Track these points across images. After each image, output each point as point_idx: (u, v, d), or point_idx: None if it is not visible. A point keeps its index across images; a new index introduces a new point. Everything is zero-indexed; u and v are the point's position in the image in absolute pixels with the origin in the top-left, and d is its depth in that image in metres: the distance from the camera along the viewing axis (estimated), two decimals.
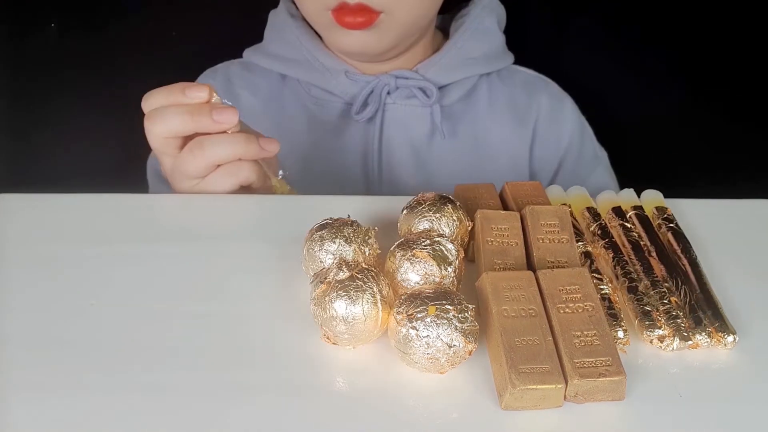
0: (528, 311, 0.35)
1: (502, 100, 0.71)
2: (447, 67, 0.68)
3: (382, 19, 0.60)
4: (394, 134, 0.68)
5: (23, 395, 0.33)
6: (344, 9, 0.59)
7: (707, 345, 0.37)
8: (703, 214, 0.47)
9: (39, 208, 0.47)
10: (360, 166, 0.67)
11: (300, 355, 0.36)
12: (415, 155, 0.68)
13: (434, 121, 0.67)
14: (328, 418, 0.33)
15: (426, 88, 0.66)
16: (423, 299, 0.34)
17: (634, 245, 0.42)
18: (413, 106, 0.67)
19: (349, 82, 0.66)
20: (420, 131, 0.68)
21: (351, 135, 0.68)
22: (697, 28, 0.80)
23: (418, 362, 0.34)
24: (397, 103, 0.67)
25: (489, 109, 0.70)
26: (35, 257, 0.42)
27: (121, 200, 0.49)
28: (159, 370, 0.35)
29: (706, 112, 0.82)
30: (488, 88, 0.71)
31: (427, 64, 0.68)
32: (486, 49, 0.70)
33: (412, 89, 0.66)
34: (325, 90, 0.67)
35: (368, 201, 0.48)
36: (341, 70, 0.66)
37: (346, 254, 0.38)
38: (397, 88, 0.66)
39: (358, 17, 0.59)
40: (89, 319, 0.38)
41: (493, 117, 0.70)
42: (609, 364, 0.33)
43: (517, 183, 0.46)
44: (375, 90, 0.66)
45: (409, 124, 0.68)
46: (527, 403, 0.33)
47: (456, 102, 0.69)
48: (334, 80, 0.67)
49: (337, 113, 0.68)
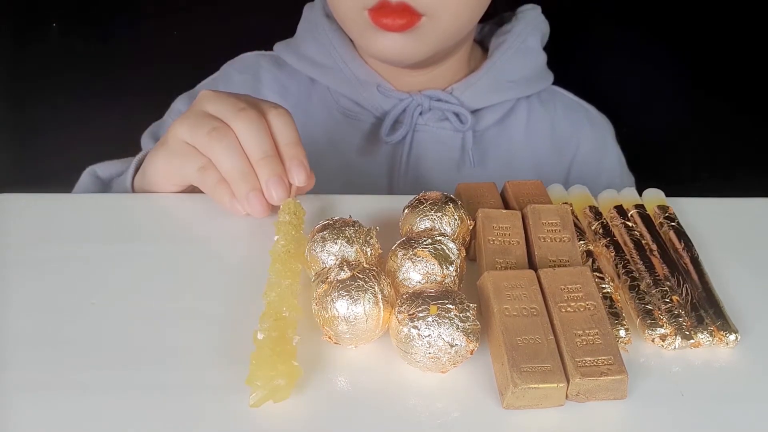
0: (530, 310, 0.35)
1: (541, 126, 0.67)
2: (484, 89, 0.64)
3: (423, 22, 0.56)
4: (423, 156, 0.64)
5: (23, 395, 0.33)
6: (384, 8, 0.55)
7: (709, 344, 0.37)
8: (704, 213, 0.47)
9: (39, 208, 0.47)
10: (385, 186, 0.64)
11: (302, 355, 0.36)
12: (443, 179, 0.65)
13: (465, 147, 0.64)
14: (330, 417, 0.33)
15: (460, 114, 0.63)
16: (424, 298, 0.34)
17: (636, 244, 0.42)
18: (444, 129, 0.64)
19: (381, 96, 0.63)
20: (450, 155, 0.64)
21: (378, 152, 0.64)
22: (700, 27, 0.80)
23: (419, 361, 0.33)
24: (429, 124, 0.64)
25: (526, 134, 0.67)
26: (35, 257, 0.42)
27: (120, 200, 0.49)
28: (160, 369, 0.35)
29: (708, 112, 0.82)
30: (527, 112, 0.67)
31: (463, 84, 0.64)
32: (527, 71, 0.66)
33: (445, 112, 0.63)
34: (354, 102, 0.64)
35: (369, 200, 0.48)
36: (373, 83, 0.63)
37: (348, 255, 0.38)
38: (430, 109, 0.63)
39: (398, 19, 0.55)
40: (89, 318, 0.38)
41: (529, 143, 0.67)
42: (611, 363, 0.33)
43: (519, 182, 0.46)
44: (407, 109, 0.63)
45: (439, 148, 0.64)
46: (529, 402, 0.33)
47: (491, 126, 0.66)
48: (365, 93, 0.64)
49: (367, 127, 0.65)
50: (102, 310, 0.39)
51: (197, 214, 0.47)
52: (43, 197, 0.48)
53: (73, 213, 0.46)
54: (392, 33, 0.56)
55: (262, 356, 0.33)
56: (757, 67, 0.82)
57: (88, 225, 0.45)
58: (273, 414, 0.32)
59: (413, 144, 0.64)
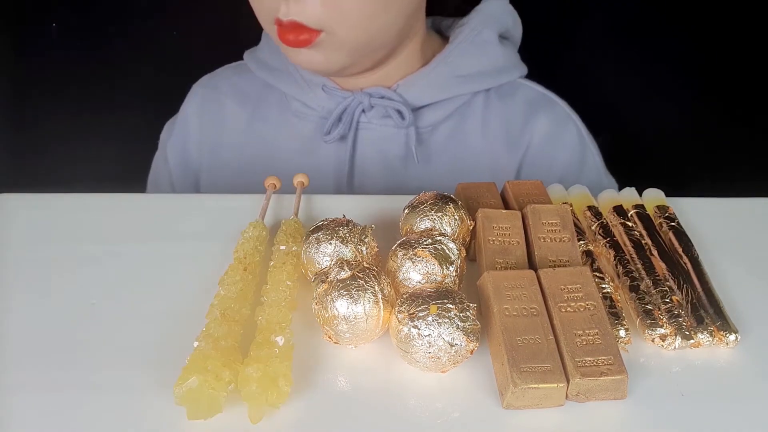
0: (529, 310, 0.35)
1: (496, 121, 0.65)
2: (431, 85, 0.63)
3: (323, 38, 0.56)
4: (368, 154, 0.64)
5: (23, 395, 0.33)
6: (282, 26, 0.56)
7: (709, 344, 0.37)
8: (704, 213, 0.47)
9: (39, 208, 0.47)
10: (332, 185, 0.64)
11: (302, 354, 0.36)
12: (389, 176, 0.64)
13: (408, 144, 0.63)
14: (330, 416, 0.33)
15: (402, 111, 0.61)
16: (424, 298, 0.34)
17: (636, 244, 0.42)
18: (387, 127, 0.63)
19: (326, 96, 0.63)
20: (395, 152, 0.63)
21: (325, 152, 0.64)
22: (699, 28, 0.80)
23: (419, 361, 0.33)
24: (372, 122, 0.63)
25: (481, 129, 0.65)
26: (35, 257, 0.42)
27: (120, 200, 0.49)
28: (162, 369, 0.35)
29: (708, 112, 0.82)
30: (484, 106, 0.65)
31: (408, 81, 0.63)
32: (482, 66, 0.64)
33: (387, 109, 0.62)
34: (303, 103, 0.64)
35: (369, 200, 0.48)
36: (319, 83, 0.63)
37: (343, 255, 0.38)
38: (372, 107, 0.62)
39: (299, 35, 0.55)
40: (89, 318, 0.38)
41: (484, 138, 0.65)
42: (610, 363, 0.33)
43: (519, 182, 0.46)
44: (349, 108, 0.62)
45: (384, 145, 0.63)
46: (529, 401, 0.33)
47: (440, 122, 0.64)
48: (311, 93, 0.63)
49: (313, 128, 0.64)
50: (102, 310, 0.39)
51: (199, 214, 0.47)
52: (43, 197, 0.48)
53: (72, 213, 0.46)
54: (300, 48, 0.57)
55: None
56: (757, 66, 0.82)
57: (88, 225, 0.45)
58: (273, 414, 0.32)
59: (357, 142, 0.63)
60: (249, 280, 0.39)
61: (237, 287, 0.38)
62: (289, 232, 0.42)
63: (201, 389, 0.31)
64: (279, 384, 0.32)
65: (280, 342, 0.34)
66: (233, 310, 0.36)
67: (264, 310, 0.36)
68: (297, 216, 0.44)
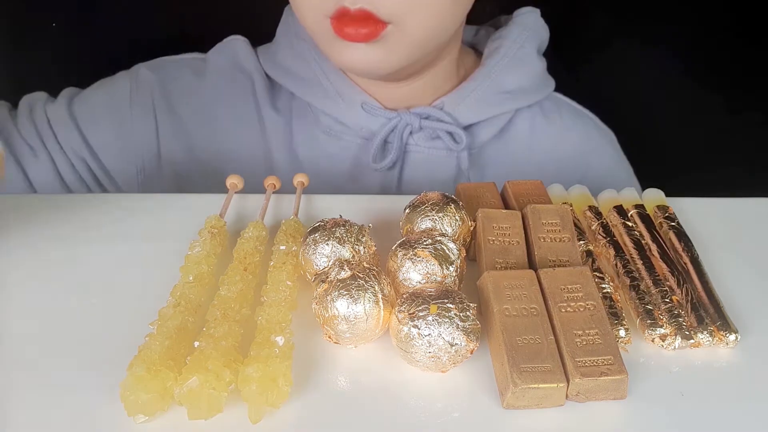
0: (529, 310, 0.35)
1: (545, 138, 0.62)
2: (478, 102, 0.58)
3: (389, 31, 0.51)
4: (416, 180, 0.59)
5: (23, 395, 0.33)
6: (345, 17, 0.50)
7: (709, 344, 0.37)
8: (704, 213, 0.47)
9: (39, 208, 0.47)
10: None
11: (302, 354, 0.36)
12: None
13: (461, 168, 0.58)
14: (330, 416, 0.33)
15: (454, 133, 0.57)
16: (425, 298, 0.34)
17: (636, 244, 0.42)
18: (437, 149, 0.59)
19: (367, 115, 0.57)
20: (445, 176, 0.59)
21: (367, 177, 0.59)
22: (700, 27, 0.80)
23: (419, 361, 0.33)
24: (419, 144, 0.59)
25: (529, 147, 0.62)
26: (35, 257, 0.42)
27: (120, 200, 0.49)
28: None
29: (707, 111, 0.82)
30: (530, 123, 0.62)
31: (454, 97, 0.58)
32: (524, 81, 0.60)
33: (437, 131, 0.58)
34: (337, 121, 0.58)
35: (369, 200, 0.48)
36: (358, 100, 0.58)
37: (341, 255, 0.38)
38: (421, 128, 0.58)
39: (361, 28, 0.50)
40: (89, 318, 0.38)
41: (533, 157, 0.62)
42: (611, 363, 0.33)
43: (519, 182, 0.46)
44: (396, 130, 0.57)
45: (433, 169, 0.59)
46: (529, 402, 0.33)
47: (487, 142, 0.60)
48: (349, 111, 0.58)
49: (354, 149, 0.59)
50: (102, 310, 0.39)
51: (199, 214, 0.47)
52: (43, 197, 0.48)
53: (71, 213, 0.46)
54: (357, 43, 0.51)
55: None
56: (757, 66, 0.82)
57: (87, 225, 0.45)
58: (273, 414, 0.32)
59: (404, 167, 0.59)
60: (249, 280, 0.39)
61: (237, 287, 0.38)
62: (289, 232, 0.42)
63: (202, 389, 0.31)
64: (279, 384, 0.32)
65: (280, 342, 0.34)
66: (233, 310, 0.36)
67: (264, 310, 0.36)
68: (297, 216, 0.44)
